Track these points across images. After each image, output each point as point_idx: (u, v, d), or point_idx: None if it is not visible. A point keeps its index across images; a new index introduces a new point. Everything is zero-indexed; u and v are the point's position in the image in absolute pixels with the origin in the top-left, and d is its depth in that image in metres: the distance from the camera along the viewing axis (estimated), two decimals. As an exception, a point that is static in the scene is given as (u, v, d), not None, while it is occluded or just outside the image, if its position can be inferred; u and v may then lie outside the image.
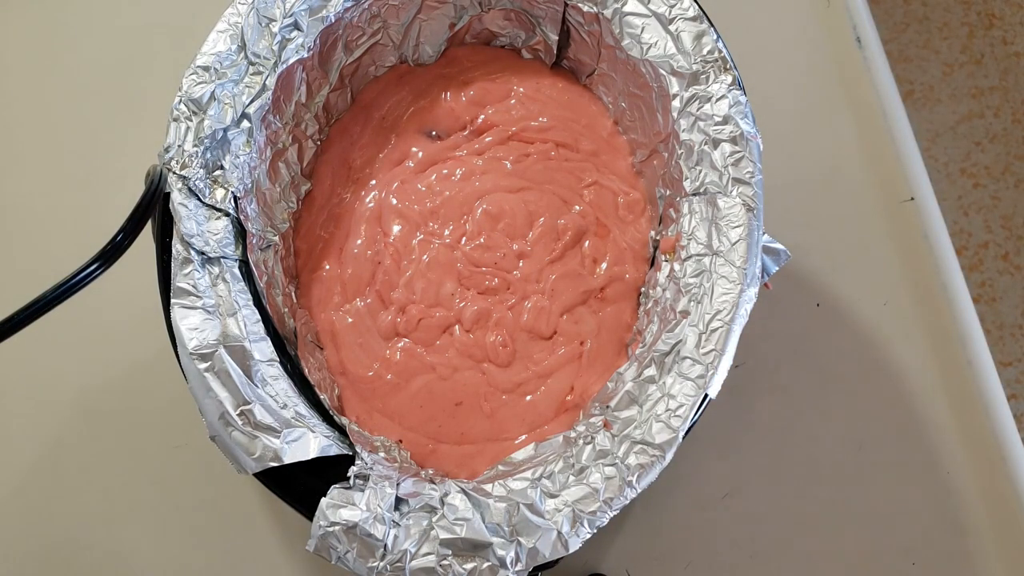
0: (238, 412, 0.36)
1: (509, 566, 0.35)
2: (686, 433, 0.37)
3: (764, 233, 0.40)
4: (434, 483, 0.38)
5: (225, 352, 0.37)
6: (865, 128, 0.57)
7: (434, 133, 0.51)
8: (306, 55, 0.44)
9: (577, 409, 0.45)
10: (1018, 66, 1.30)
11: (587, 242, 0.48)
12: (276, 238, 0.45)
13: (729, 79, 0.42)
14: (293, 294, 0.46)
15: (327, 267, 0.48)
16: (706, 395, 0.37)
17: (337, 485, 0.36)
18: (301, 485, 0.37)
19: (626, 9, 0.44)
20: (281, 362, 0.40)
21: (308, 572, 0.49)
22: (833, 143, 0.57)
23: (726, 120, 0.41)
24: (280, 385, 0.39)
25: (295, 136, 0.47)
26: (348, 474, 0.37)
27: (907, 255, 0.54)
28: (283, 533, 0.50)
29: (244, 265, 0.41)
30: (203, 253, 0.39)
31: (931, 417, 0.52)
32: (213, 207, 0.40)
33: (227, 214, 0.41)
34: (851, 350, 0.53)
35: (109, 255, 0.35)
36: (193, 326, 0.38)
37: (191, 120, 0.40)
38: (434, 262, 0.47)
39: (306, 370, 0.42)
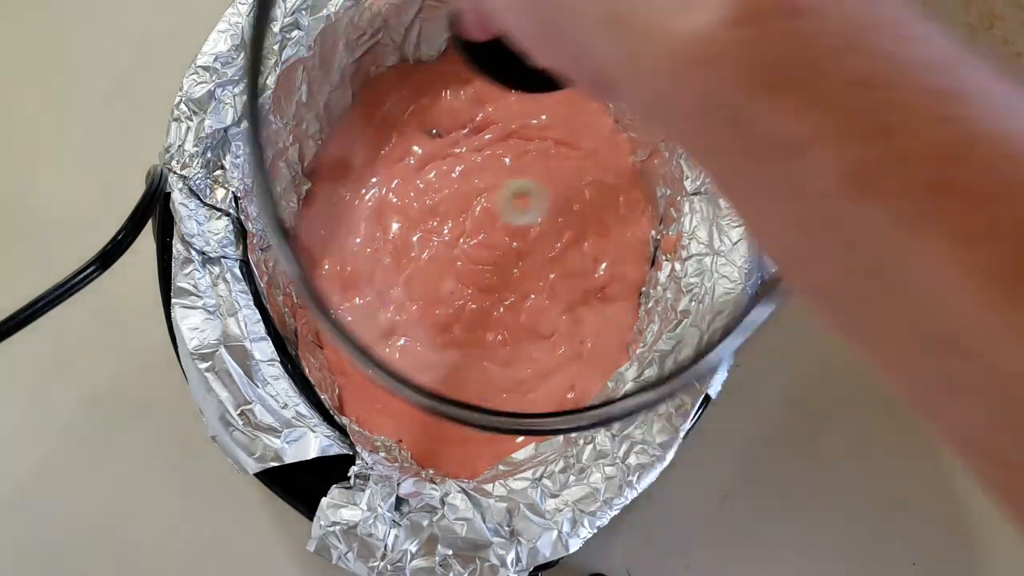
0: (238, 412, 0.36)
1: (509, 566, 0.35)
2: (687, 433, 0.37)
3: (765, 233, 0.40)
4: (434, 483, 0.38)
5: (226, 352, 0.37)
6: (866, 127, 0.56)
7: (434, 131, 0.51)
8: (306, 54, 0.44)
9: (577, 409, 0.44)
10: (1019, 66, 1.30)
11: (587, 241, 0.48)
12: (276, 238, 0.45)
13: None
14: (293, 294, 0.46)
15: (327, 266, 0.48)
16: (706, 395, 0.37)
17: (337, 485, 0.36)
18: (301, 485, 0.37)
19: (627, 8, 0.44)
20: (281, 362, 0.40)
21: (308, 572, 0.49)
22: (833, 142, 0.57)
23: (727, 119, 0.41)
24: (280, 385, 0.39)
25: (296, 136, 0.47)
26: (348, 474, 0.37)
27: (907, 254, 0.54)
28: (283, 533, 0.50)
29: (245, 265, 0.41)
30: (203, 253, 0.39)
31: (931, 417, 0.52)
32: (213, 207, 0.40)
33: (228, 214, 0.40)
34: (851, 349, 0.53)
35: (109, 255, 0.35)
36: (194, 326, 0.38)
37: (191, 120, 0.40)
38: (434, 260, 0.47)
39: (306, 370, 0.42)
